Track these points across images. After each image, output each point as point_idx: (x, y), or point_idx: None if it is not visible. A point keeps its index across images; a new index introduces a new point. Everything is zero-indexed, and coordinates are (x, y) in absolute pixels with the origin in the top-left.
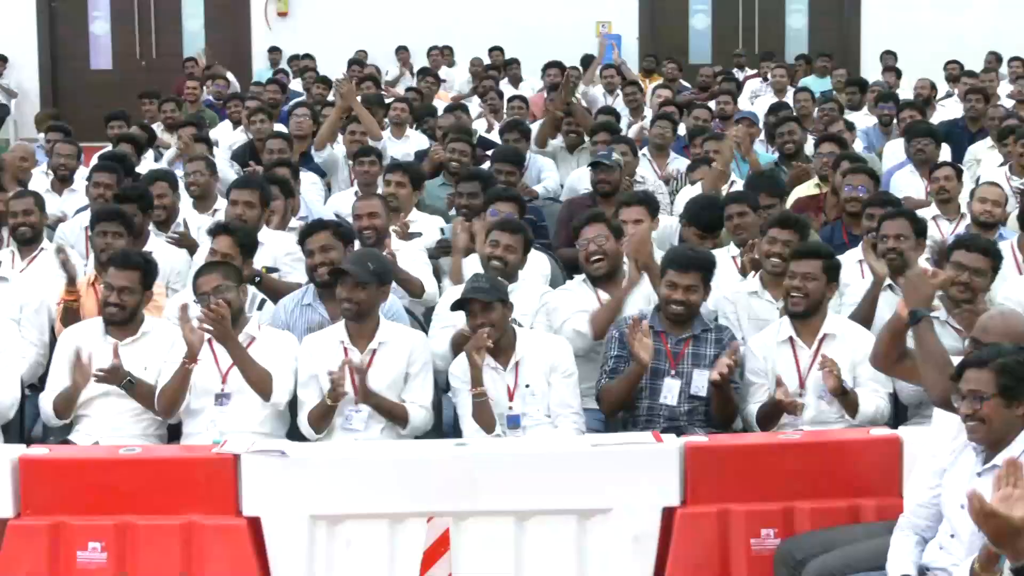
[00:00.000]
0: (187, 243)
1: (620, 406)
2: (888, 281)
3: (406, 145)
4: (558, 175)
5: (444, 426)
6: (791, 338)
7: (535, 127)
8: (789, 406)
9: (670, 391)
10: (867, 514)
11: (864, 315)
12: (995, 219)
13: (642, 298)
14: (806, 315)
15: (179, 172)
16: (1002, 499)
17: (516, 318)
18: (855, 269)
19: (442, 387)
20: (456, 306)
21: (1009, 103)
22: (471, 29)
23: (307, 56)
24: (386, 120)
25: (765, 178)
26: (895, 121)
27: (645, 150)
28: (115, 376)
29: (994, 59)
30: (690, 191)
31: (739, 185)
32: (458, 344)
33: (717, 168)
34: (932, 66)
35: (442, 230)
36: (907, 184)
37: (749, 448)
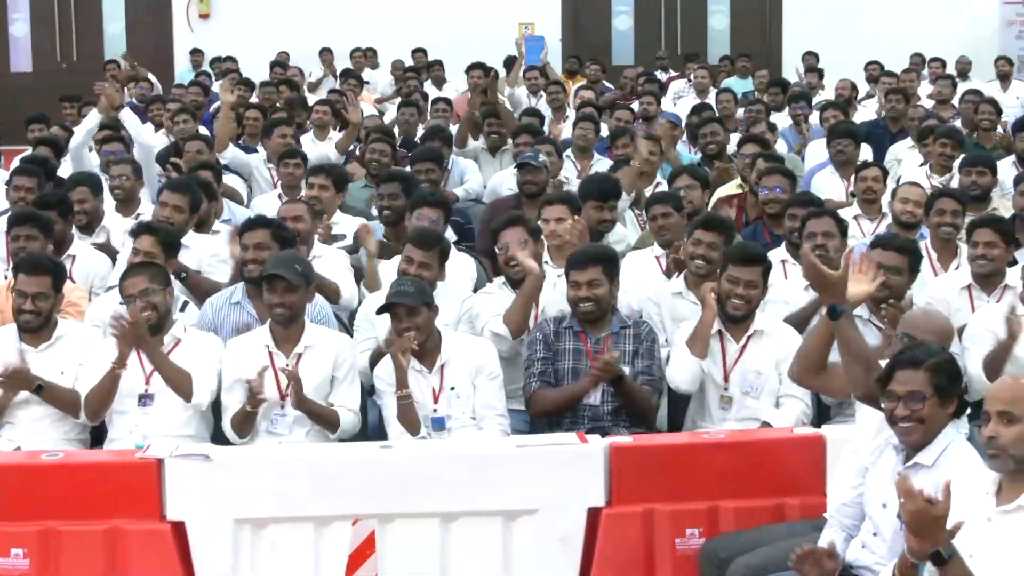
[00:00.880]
0: (106, 251)
1: (552, 414)
2: None
3: (329, 147)
4: (481, 177)
5: (369, 428)
6: (720, 331)
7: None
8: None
9: (593, 392)
10: (791, 513)
11: (800, 322)
12: (916, 219)
13: (563, 298)
14: (744, 319)
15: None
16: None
17: (439, 327)
18: (777, 269)
19: (367, 390)
20: (381, 310)
21: (930, 103)
22: (394, 31)
23: (229, 58)
24: (309, 122)
25: (686, 167)
26: (818, 121)
27: (569, 151)
28: (22, 381)
29: (920, 60)
30: None
31: (665, 187)
32: (376, 362)
33: (635, 167)
34: (853, 66)
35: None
36: (828, 185)
37: (673, 448)
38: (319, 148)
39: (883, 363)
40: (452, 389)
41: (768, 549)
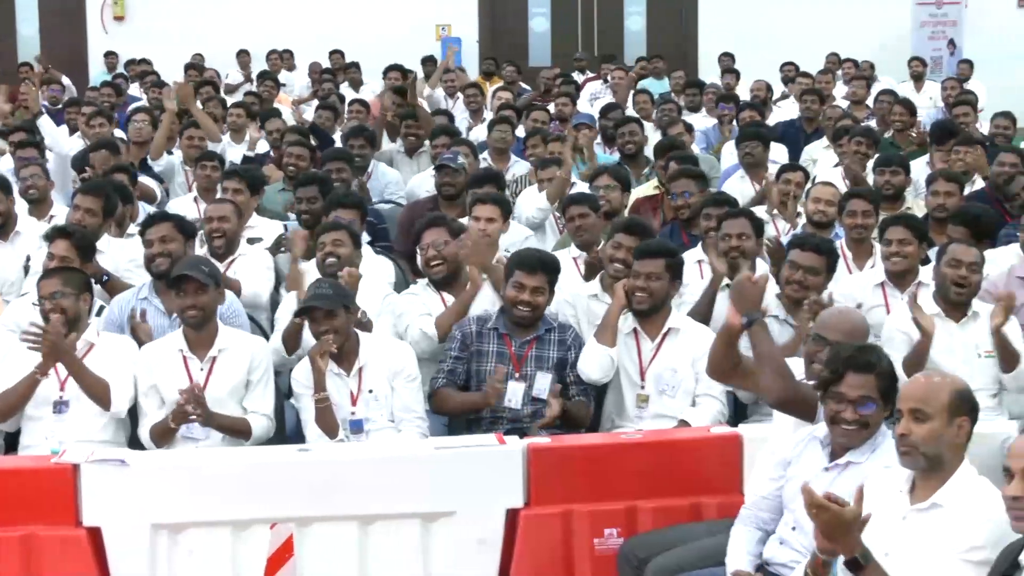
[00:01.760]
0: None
1: (451, 416)
2: (727, 280)
3: (245, 149)
4: (404, 186)
5: (287, 432)
6: (635, 330)
7: None
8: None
9: (514, 395)
10: (709, 512)
11: (702, 312)
12: (829, 219)
13: (486, 299)
14: (651, 312)
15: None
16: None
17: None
18: (694, 269)
19: (284, 392)
20: (299, 313)
21: (845, 104)
22: (311, 33)
23: (144, 60)
24: (224, 125)
25: (607, 167)
26: (735, 122)
27: (485, 153)
28: None
29: (836, 60)
30: (531, 192)
31: (580, 187)
32: (290, 336)
33: (563, 177)
34: (769, 68)
35: (286, 226)
36: (737, 189)
37: (591, 448)
38: (235, 150)
39: (792, 361)
40: (370, 391)
41: (685, 548)
